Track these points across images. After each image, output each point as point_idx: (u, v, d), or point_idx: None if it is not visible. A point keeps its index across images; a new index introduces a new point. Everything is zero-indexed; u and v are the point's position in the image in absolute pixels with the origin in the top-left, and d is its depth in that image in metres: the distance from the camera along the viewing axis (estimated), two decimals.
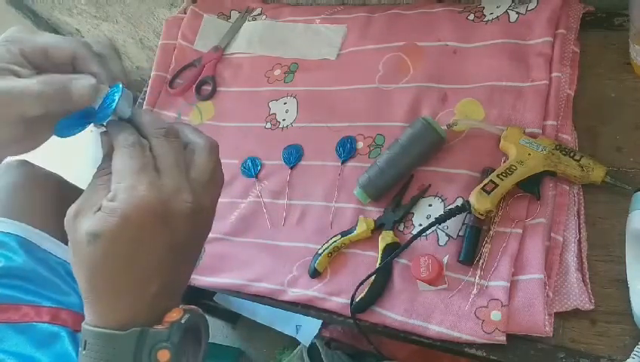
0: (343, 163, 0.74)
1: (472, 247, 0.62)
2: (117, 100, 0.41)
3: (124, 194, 0.37)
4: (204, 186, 0.41)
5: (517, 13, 0.74)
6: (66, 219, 0.39)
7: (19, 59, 0.41)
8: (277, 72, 0.86)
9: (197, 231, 0.41)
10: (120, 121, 0.42)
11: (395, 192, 0.69)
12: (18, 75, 0.41)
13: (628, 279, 0.56)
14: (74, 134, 0.43)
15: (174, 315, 0.39)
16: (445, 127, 0.68)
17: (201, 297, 1.13)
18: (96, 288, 0.39)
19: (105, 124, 0.42)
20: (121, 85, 0.42)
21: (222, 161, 0.90)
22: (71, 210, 0.39)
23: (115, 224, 0.36)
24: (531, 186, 0.62)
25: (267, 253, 0.73)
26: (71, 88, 0.40)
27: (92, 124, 0.43)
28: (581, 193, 0.63)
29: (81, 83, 0.40)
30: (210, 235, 0.76)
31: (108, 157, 0.41)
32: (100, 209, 0.37)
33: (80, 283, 0.39)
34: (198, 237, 0.43)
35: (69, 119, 0.43)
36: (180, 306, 0.40)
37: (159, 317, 0.39)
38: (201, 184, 0.41)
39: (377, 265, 0.64)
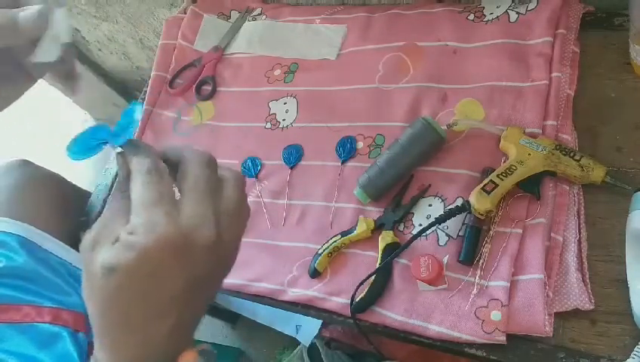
0: (343, 163, 0.74)
1: (472, 247, 0.62)
2: (137, 121, 0.40)
3: (142, 228, 0.35)
4: (229, 219, 0.39)
5: (517, 13, 0.74)
6: (82, 245, 0.37)
7: None
8: (277, 72, 0.86)
9: (218, 264, 0.39)
10: (137, 142, 0.40)
11: (395, 192, 0.69)
12: None
13: (628, 279, 0.56)
14: (89, 157, 0.41)
15: (189, 359, 0.37)
16: (445, 127, 0.68)
17: None
18: (107, 321, 0.37)
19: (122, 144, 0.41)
20: (139, 105, 0.42)
21: (222, 160, 0.90)
22: (89, 238, 0.37)
23: (133, 258, 0.35)
24: (531, 186, 0.62)
25: (267, 253, 0.73)
26: (18, 19, 0.39)
27: (107, 145, 0.41)
28: (581, 193, 0.63)
29: (28, 12, 0.40)
30: None
31: (126, 179, 0.39)
32: (117, 240, 0.36)
33: (90, 315, 0.38)
34: (219, 271, 0.41)
35: (82, 140, 0.41)
36: (194, 347, 0.39)
37: (172, 356, 0.38)
38: (226, 216, 0.39)
39: (377, 265, 0.64)
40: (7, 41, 0.40)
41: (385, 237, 0.66)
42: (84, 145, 0.41)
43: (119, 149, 0.41)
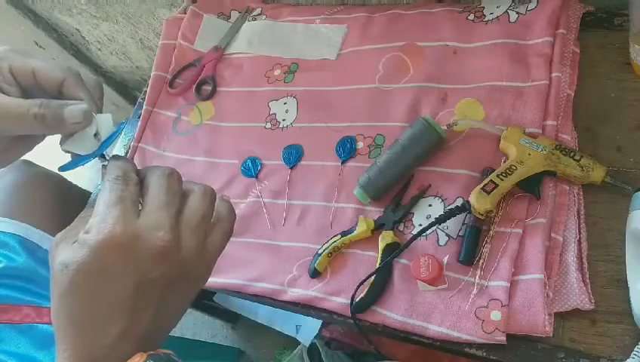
0: (343, 163, 0.74)
1: (472, 247, 0.62)
2: (115, 137, 0.43)
3: (95, 227, 0.37)
4: (191, 229, 0.40)
5: (517, 13, 0.74)
6: (49, 247, 0.39)
7: (7, 76, 0.42)
8: (277, 72, 0.86)
9: (172, 274, 0.39)
10: (121, 157, 0.43)
11: (395, 192, 0.69)
12: (5, 92, 0.41)
13: (628, 279, 0.56)
14: (75, 168, 0.44)
15: (136, 360, 0.37)
16: (445, 127, 0.68)
17: (201, 297, 1.13)
18: (59, 320, 0.38)
19: (107, 157, 0.43)
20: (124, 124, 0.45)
21: (222, 161, 0.90)
22: (55, 239, 0.39)
23: (83, 255, 0.36)
24: (531, 186, 0.62)
25: (267, 253, 0.73)
26: (64, 113, 0.41)
27: (95, 158, 0.44)
28: (581, 193, 0.63)
29: (75, 108, 0.41)
30: None
31: None
32: (76, 241, 0.37)
33: (52, 315, 0.39)
34: (175, 284, 0.40)
35: (76, 158, 0.44)
36: (149, 352, 0.38)
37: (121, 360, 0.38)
38: (188, 225, 0.40)
39: (377, 265, 0.64)
40: (48, 131, 0.42)
41: (385, 237, 0.66)
42: (74, 162, 0.44)
43: (105, 162, 0.43)
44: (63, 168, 0.44)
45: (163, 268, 0.38)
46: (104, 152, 0.45)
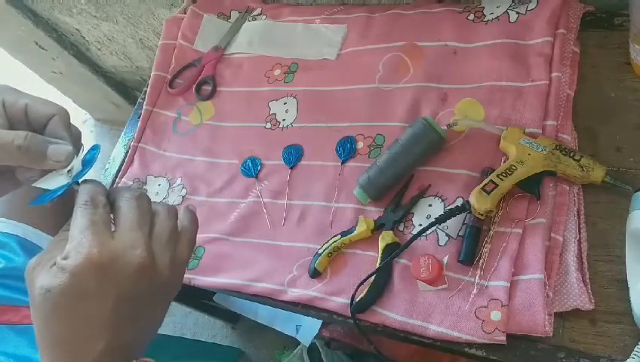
0: (343, 163, 0.74)
1: (472, 247, 0.62)
2: (88, 168, 0.44)
3: (73, 252, 0.38)
4: (162, 245, 0.42)
5: (517, 13, 0.74)
6: (26, 271, 0.40)
7: None
8: (277, 72, 0.86)
9: (150, 289, 0.41)
10: (89, 181, 0.44)
11: (395, 192, 0.69)
12: None
13: (628, 279, 0.56)
14: (51, 199, 0.45)
15: None
16: (445, 127, 0.68)
17: (201, 297, 1.13)
18: (44, 340, 0.40)
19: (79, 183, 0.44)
20: (98, 146, 0.45)
21: (222, 161, 0.90)
22: (31, 263, 0.40)
23: (65, 279, 0.38)
24: (531, 186, 0.62)
25: (267, 253, 0.73)
26: (48, 150, 0.42)
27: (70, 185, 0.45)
28: (581, 193, 0.63)
29: (60, 148, 0.42)
30: (210, 235, 0.76)
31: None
32: (54, 264, 0.39)
33: (36, 336, 0.40)
34: (153, 297, 0.42)
35: (47, 192, 0.45)
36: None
37: None
38: (159, 242, 0.42)
39: (377, 265, 0.64)
40: (27, 164, 0.43)
41: (385, 237, 0.66)
42: (47, 194, 0.45)
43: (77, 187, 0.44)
44: (33, 203, 0.45)
45: (141, 283, 0.40)
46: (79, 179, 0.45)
